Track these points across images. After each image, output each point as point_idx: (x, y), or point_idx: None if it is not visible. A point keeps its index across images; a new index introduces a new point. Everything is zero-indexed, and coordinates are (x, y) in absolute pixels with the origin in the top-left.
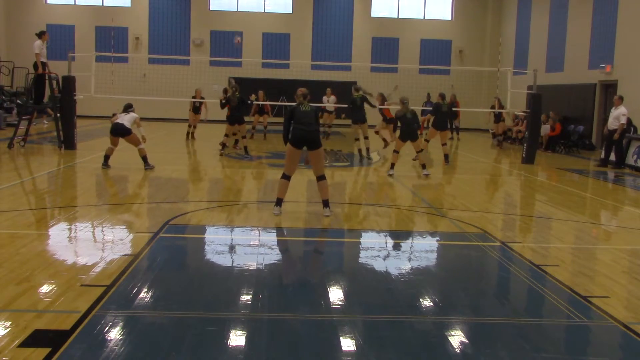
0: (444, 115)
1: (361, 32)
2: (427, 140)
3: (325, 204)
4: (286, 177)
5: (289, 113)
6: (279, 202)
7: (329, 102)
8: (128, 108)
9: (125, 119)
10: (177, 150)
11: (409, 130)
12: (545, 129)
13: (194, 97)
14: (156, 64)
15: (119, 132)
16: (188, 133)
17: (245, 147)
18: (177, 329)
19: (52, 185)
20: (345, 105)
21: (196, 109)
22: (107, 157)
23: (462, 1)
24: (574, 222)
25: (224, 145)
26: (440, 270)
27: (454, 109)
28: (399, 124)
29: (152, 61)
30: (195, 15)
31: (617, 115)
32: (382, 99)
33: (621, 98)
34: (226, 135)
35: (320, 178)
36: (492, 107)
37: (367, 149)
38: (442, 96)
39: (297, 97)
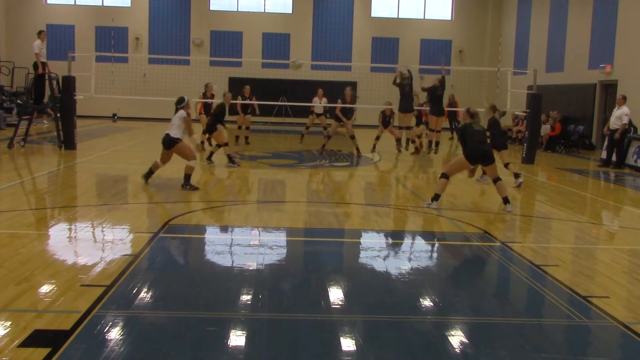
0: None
1: (361, 32)
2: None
3: (505, 200)
4: (445, 176)
5: (461, 131)
6: (436, 197)
7: (320, 104)
8: (179, 103)
9: (174, 124)
10: None
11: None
12: (545, 129)
13: (204, 95)
14: (156, 64)
15: (166, 143)
16: (203, 142)
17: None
18: (177, 329)
19: (52, 185)
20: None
21: (209, 109)
22: (150, 172)
23: (462, 1)
24: (574, 222)
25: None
26: (440, 270)
27: (453, 109)
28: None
29: (152, 61)
30: (195, 15)
31: (620, 115)
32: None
33: (624, 98)
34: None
35: (496, 180)
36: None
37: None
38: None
39: (468, 116)
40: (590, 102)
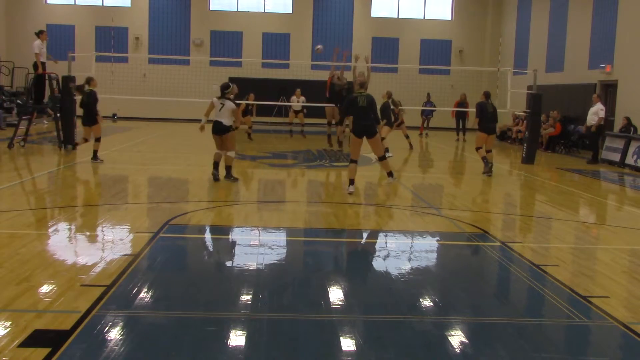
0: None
1: (361, 32)
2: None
3: (390, 174)
4: (354, 161)
5: (348, 101)
6: (351, 181)
7: (299, 102)
8: (225, 89)
9: (224, 114)
10: (177, 150)
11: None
12: (549, 130)
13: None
14: (156, 64)
15: (219, 131)
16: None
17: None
18: (177, 329)
19: (52, 185)
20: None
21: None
22: (216, 164)
23: (462, 1)
24: (574, 222)
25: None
26: (440, 270)
27: (463, 109)
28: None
29: (152, 61)
30: (195, 15)
31: (596, 111)
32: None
33: (599, 96)
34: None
35: (381, 158)
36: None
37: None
38: None
39: (359, 86)
40: (590, 102)
